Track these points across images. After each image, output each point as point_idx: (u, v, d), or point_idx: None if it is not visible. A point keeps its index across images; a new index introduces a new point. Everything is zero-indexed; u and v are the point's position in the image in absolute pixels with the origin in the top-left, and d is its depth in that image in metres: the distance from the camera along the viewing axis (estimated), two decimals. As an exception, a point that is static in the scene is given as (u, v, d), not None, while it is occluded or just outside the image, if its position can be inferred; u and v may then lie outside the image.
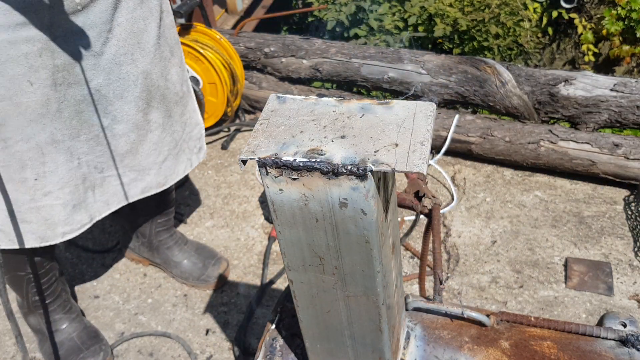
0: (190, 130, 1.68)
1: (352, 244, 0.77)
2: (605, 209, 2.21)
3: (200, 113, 1.74)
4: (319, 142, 0.71)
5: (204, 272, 1.99)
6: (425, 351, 1.05)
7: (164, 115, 1.54)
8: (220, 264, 2.01)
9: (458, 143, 2.44)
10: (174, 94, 1.57)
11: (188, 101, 1.66)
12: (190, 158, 1.72)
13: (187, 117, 1.66)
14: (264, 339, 1.12)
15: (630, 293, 1.90)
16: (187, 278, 2.00)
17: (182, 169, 1.69)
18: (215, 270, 1.99)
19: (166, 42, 1.50)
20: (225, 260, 2.03)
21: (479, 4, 3.88)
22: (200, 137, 1.75)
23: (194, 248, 2.03)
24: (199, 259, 2.01)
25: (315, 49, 2.66)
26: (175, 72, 1.57)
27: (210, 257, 2.02)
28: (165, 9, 1.49)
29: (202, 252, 2.02)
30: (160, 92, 1.50)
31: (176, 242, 2.01)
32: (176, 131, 1.61)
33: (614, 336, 1.03)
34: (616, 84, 2.25)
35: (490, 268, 2.02)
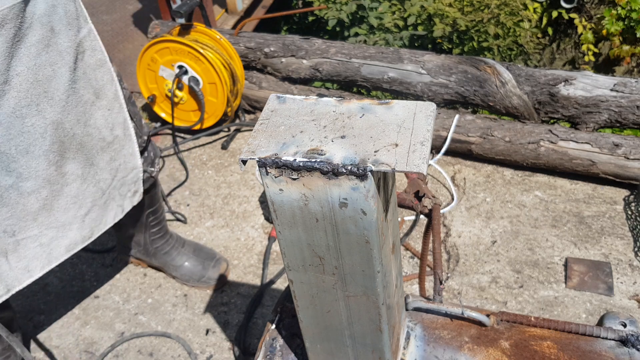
0: (123, 175, 1.56)
1: (352, 244, 0.77)
2: (605, 209, 2.21)
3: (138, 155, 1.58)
4: (319, 142, 0.71)
5: (204, 273, 1.98)
6: (425, 351, 1.05)
7: (84, 165, 1.41)
8: (220, 265, 2.00)
9: (458, 143, 2.44)
10: (99, 140, 1.43)
11: (124, 145, 1.52)
12: (122, 204, 1.59)
13: (119, 162, 1.52)
14: (264, 339, 1.12)
15: (630, 293, 1.90)
16: (187, 280, 2.00)
17: (111, 216, 1.56)
18: (215, 271, 1.99)
19: (88, 84, 1.36)
20: (224, 261, 2.03)
21: (479, 4, 3.88)
22: (137, 181, 1.62)
23: (191, 249, 2.02)
24: (197, 260, 2.00)
25: (315, 49, 2.66)
26: (102, 116, 1.42)
27: (209, 258, 2.01)
28: (89, 47, 1.34)
29: (201, 254, 2.01)
30: (77, 141, 1.36)
31: (173, 246, 1.99)
32: (103, 179, 1.48)
33: (614, 336, 1.03)
34: (616, 84, 2.25)
35: (490, 268, 2.01)
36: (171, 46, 2.52)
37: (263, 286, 2.00)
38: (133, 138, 1.55)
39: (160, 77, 2.64)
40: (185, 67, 2.54)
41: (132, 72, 3.30)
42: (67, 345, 1.86)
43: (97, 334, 1.89)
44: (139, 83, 2.71)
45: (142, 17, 3.95)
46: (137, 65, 2.65)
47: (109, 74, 1.43)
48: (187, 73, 2.56)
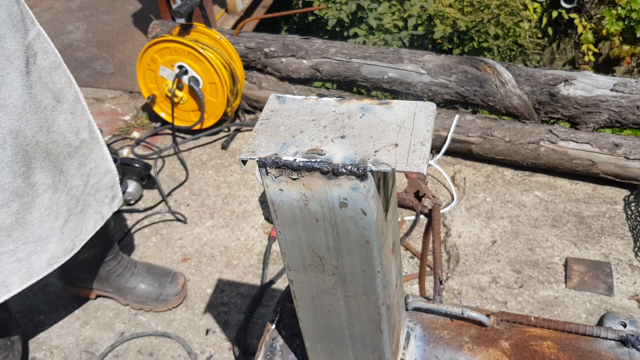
0: (97, 181, 1.50)
1: (352, 244, 0.77)
2: (605, 209, 2.21)
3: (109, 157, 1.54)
4: (319, 142, 0.71)
5: (161, 291, 1.89)
6: (425, 351, 1.05)
7: (53, 173, 1.35)
8: (177, 279, 1.92)
9: (458, 143, 2.44)
10: (65, 146, 1.38)
11: (92, 149, 1.47)
12: (101, 211, 1.54)
13: (89, 167, 1.47)
14: (264, 339, 1.12)
15: (630, 293, 1.90)
16: (144, 302, 1.89)
17: (91, 225, 1.50)
18: (173, 287, 1.90)
19: (46, 88, 1.30)
20: (181, 275, 1.94)
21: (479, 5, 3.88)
22: (113, 185, 1.57)
23: (145, 269, 1.92)
24: (153, 279, 1.90)
25: (315, 49, 2.66)
26: (65, 120, 1.37)
27: (165, 274, 1.92)
28: (40, 49, 1.28)
29: (155, 271, 1.92)
30: (42, 149, 1.31)
31: (126, 267, 1.88)
32: (75, 187, 1.43)
33: (614, 336, 1.03)
34: (616, 84, 2.25)
35: (490, 268, 2.01)
36: (171, 46, 2.52)
37: (263, 286, 2.00)
38: (101, 141, 1.50)
39: (160, 77, 2.64)
40: (185, 67, 2.54)
41: (132, 72, 3.30)
42: (67, 345, 1.86)
43: (97, 334, 1.89)
44: (139, 83, 2.71)
45: (142, 17, 3.95)
46: (137, 65, 2.65)
47: (66, 76, 1.37)
48: (187, 73, 2.56)
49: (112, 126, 2.87)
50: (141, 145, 2.73)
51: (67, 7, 4.18)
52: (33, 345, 1.85)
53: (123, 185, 2.31)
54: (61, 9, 4.16)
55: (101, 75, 3.33)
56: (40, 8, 4.15)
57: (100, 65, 3.44)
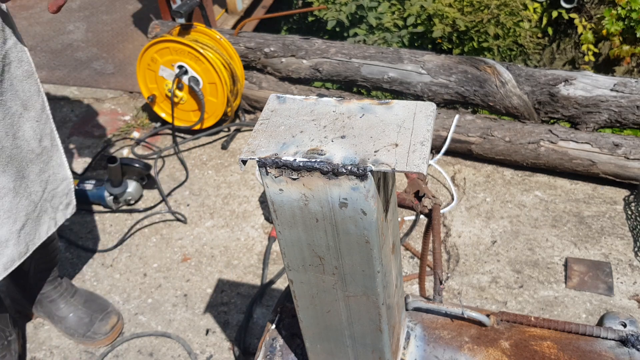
0: (54, 187, 1.53)
1: (352, 244, 0.76)
2: (605, 209, 2.21)
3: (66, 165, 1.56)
4: (319, 142, 0.71)
5: (89, 327, 1.81)
6: (425, 351, 1.05)
7: (15, 177, 1.38)
8: (109, 319, 1.83)
9: (458, 143, 2.44)
10: (28, 152, 1.41)
11: (52, 156, 1.50)
12: (55, 217, 1.56)
13: (48, 174, 1.50)
14: (264, 339, 1.12)
15: (630, 293, 1.90)
16: (72, 334, 1.82)
17: (44, 230, 1.52)
18: (103, 326, 1.82)
19: (15, 96, 1.34)
20: (115, 314, 1.86)
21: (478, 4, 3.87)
22: (69, 192, 1.58)
23: (82, 300, 1.84)
24: (86, 313, 1.82)
25: (315, 49, 2.66)
26: (30, 127, 1.41)
27: (99, 310, 1.84)
28: (15, 58, 1.32)
29: (91, 305, 1.84)
30: (6, 153, 1.34)
31: (61, 294, 1.81)
32: (34, 192, 1.45)
33: (614, 336, 1.03)
34: (616, 84, 2.25)
35: (490, 268, 2.01)
36: (171, 46, 2.52)
37: (263, 286, 2.00)
38: (60, 149, 1.53)
39: (160, 77, 2.64)
40: (185, 67, 2.54)
41: (132, 72, 3.30)
42: (67, 345, 1.86)
43: (97, 334, 1.89)
44: (139, 83, 2.71)
45: (142, 17, 3.95)
46: (137, 65, 2.65)
47: (36, 85, 1.41)
48: (187, 73, 2.56)
49: (112, 126, 2.87)
50: (141, 145, 2.73)
51: (67, 7, 4.18)
52: (33, 345, 1.85)
53: (123, 185, 2.31)
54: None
55: (101, 75, 3.33)
56: (40, 8, 4.15)
57: (100, 65, 3.44)
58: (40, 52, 3.57)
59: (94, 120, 2.91)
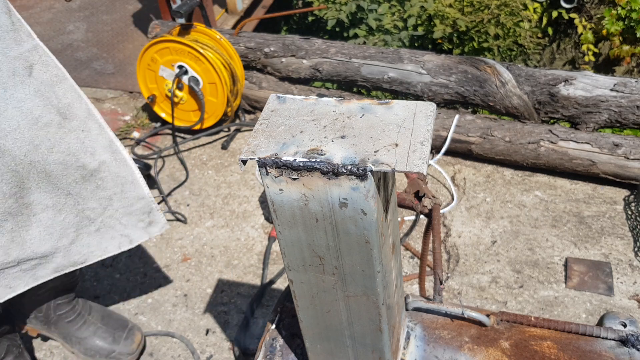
0: (124, 205, 1.40)
1: (352, 244, 0.76)
2: (605, 209, 2.21)
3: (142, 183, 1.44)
4: (319, 142, 0.71)
5: (114, 348, 1.69)
6: (425, 351, 1.05)
7: (55, 194, 1.27)
8: (133, 337, 1.73)
9: (458, 143, 2.44)
10: (77, 169, 1.28)
11: (117, 173, 1.37)
12: (130, 234, 1.44)
13: (112, 191, 1.37)
14: (264, 339, 1.12)
15: (630, 293, 1.90)
16: (92, 356, 1.70)
17: (113, 244, 1.43)
18: (129, 345, 1.71)
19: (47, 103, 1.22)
20: (138, 330, 1.75)
21: (479, 5, 3.87)
22: (150, 212, 1.46)
23: (99, 317, 1.73)
24: (107, 331, 1.71)
25: (315, 49, 2.66)
26: (76, 138, 1.27)
27: (121, 327, 1.73)
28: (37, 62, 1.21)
29: (109, 322, 1.73)
30: (38, 169, 1.23)
31: (79, 314, 1.70)
32: (89, 208, 1.34)
33: (614, 336, 1.03)
34: (616, 84, 2.25)
35: (490, 268, 2.01)
36: (171, 46, 2.52)
37: (263, 286, 2.00)
38: (129, 163, 1.39)
39: (160, 77, 2.64)
40: (185, 67, 2.54)
41: (132, 72, 3.30)
42: (67, 345, 1.86)
43: (97, 334, 1.89)
44: (139, 83, 2.71)
45: (142, 17, 3.95)
46: (137, 65, 2.65)
47: (73, 91, 1.28)
48: (187, 73, 2.56)
49: (112, 126, 2.87)
50: (141, 145, 2.73)
51: (67, 7, 4.18)
52: (33, 345, 1.85)
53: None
54: (61, 9, 4.16)
55: (101, 75, 3.33)
56: (40, 8, 4.15)
57: (100, 65, 3.44)
58: (40, 52, 3.57)
59: (94, 120, 2.91)
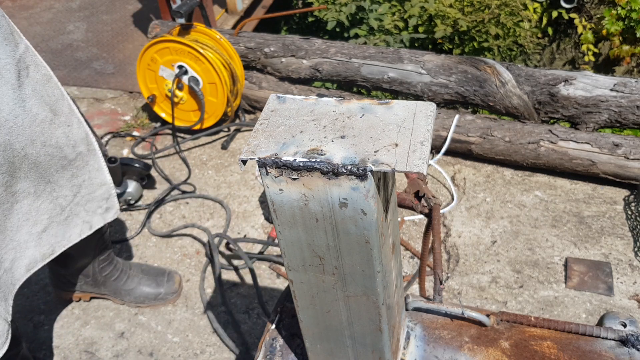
0: (89, 192, 1.49)
1: (352, 244, 0.76)
2: (605, 209, 2.21)
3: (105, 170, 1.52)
4: (319, 142, 0.71)
5: (160, 290, 1.93)
6: (425, 351, 1.05)
7: (38, 182, 1.34)
8: (173, 279, 1.96)
9: (458, 143, 2.44)
10: (60, 159, 1.37)
11: (88, 161, 1.46)
12: (90, 220, 1.52)
13: (83, 179, 1.46)
14: (264, 339, 1.12)
15: (630, 293, 1.90)
16: (142, 302, 1.93)
17: (76, 233, 1.49)
18: (171, 286, 1.95)
19: (42, 101, 1.29)
20: (176, 274, 1.99)
21: (479, 5, 3.87)
22: (109, 197, 1.55)
23: (139, 270, 1.94)
24: (150, 279, 1.93)
25: (315, 49, 2.66)
26: (63, 133, 1.36)
27: (160, 274, 1.96)
28: (31, 62, 1.27)
29: (150, 272, 1.95)
30: (30, 160, 1.30)
31: (122, 270, 1.90)
32: (62, 196, 1.41)
33: (614, 336, 1.03)
34: (616, 84, 2.25)
35: (490, 268, 2.01)
36: (171, 46, 2.52)
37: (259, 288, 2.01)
38: (98, 152, 1.48)
39: (160, 77, 2.64)
40: (185, 67, 2.54)
41: (132, 72, 3.30)
42: (67, 345, 1.86)
43: (97, 334, 1.89)
44: (139, 83, 2.71)
45: (142, 17, 3.95)
46: (137, 65, 2.65)
47: (58, 88, 1.35)
48: (187, 73, 2.56)
49: (112, 126, 2.87)
50: (141, 145, 2.73)
51: (67, 7, 4.18)
52: (33, 345, 1.85)
53: (123, 186, 2.31)
54: (61, 9, 4.16)
55: (101, 75, 3.33)
56: (40, 8, 4.15)
57: (100, 65, 3.44)
58: (40, 52, 3.56)
59: (94, 120, 2.91)
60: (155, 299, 1.93)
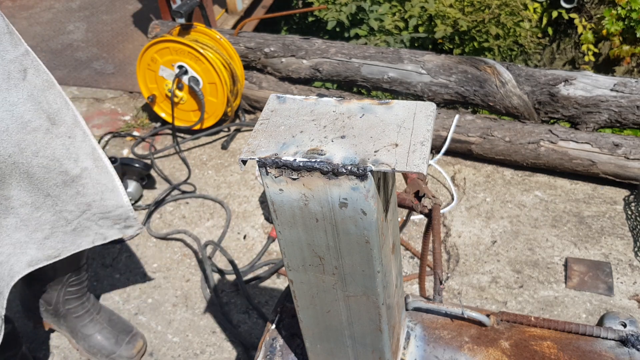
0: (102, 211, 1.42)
1: (352, 244, 0.76)
2: (605, 209, 2.21)
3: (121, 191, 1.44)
4: (319, 142, 0.71)
5: (115, 349, 1.75)
6: (425, 351, 1.05)
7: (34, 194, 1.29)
8: (135, 342, 1.78)
9: (458, 143, 2.44)
10: (59, 174, 1.30)
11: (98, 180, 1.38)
12: (104, 233, 1.45)
13: (91, 198, 1.38)
14: (264, 339, 1.12)
15: (630, 293, 1.90)
16: (94, 354, 1.75)
17: (88, 241, 1.43)
18: (129, 349, 1.76)
19: (38, 108, 1.23)
20: (141, 338, 1.81)
21: (479, 5, 3.88)
22: (127, 219, 1.47)
23: (106, 318, 1.78)
24: (111, 332, 1.76)
25: (315, 49, 2.66)
26: (62, 144, 1.29)
27: (125, 332, 1.78)
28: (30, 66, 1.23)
29: (116, 325, 1.78)
30: (21, 169, 1.24)
31: (88, 310, 1.74)
32: (67, 210, 1.36)
33: (614, 336, 1.03)
34: (616, 84, 2.25)
35: (490, 268, 2.01)
36: (171, 46, 2.52)
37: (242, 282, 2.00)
38: (111, 171, 1.40)
39: (160, 77, 2.64)
40: (185, 67, 2.54)
41: (132, 72, 3.30)
42: (67, 345, 1.86)
43: (97, 334, 1.89)
44: (139, 83, 2.71)
45: (142, 17, 3.95)
46: (137, 65, 2.65)
47: (62, 97, 1.29)
48: (187, 73, 2.56)
49: (112, 126, 2.87)
50: (141, 145, 2.73)
51: (67, 7, 4.18)
52: (33, 345, 1.85)
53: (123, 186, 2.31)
54: (61, 9, 4.16)
55: (101, 75, 3.33)
56: (40, 8, 4.15)
57: (100, 65, 3.44)
58: (40, 52, 3.57)
59: (94, 120, 2.91)
60: (108, 356, 1.75)
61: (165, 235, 2.22)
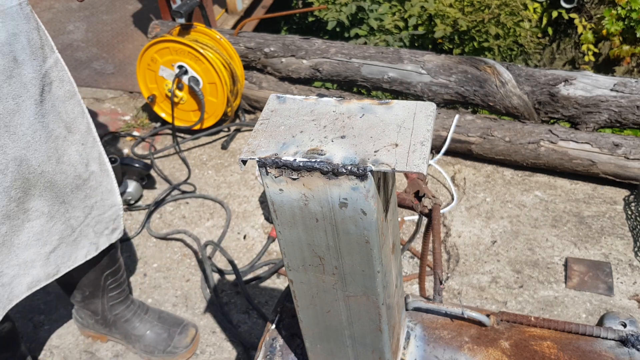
0: (100, 213, 1.47)
1: (352, 244, 0.76)
2: (605, 209, 2.21)
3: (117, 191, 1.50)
4: (319, 142, 0.71)
5: (169, 342, 1.77)
6: (425, 351, 1.05)
7: (52, 202, 1.33)
8: (187, 331, 1.80)
9: (458, 143, 2.44)
10: (75, 178, 1.35)
11: (101, 182, 1.45)
12: (97, 242, 1.50)
13: (95, 200, 1.44)
14: (264, 339, 1.12)
15: (630, 293, 1.90)
16: (151, 352, 1.77)
17: (82, 254, 1.47)
18: (183, 339, 1.79)
19: (58, 118, 1.29)
20: (192, 326, 1.83)
21: (479, 5, 3.88)
22: (116, 218, 1.52)
23: (156, 316, 1.81)
24: (163, 328, 1.79)
25: (315, 49, 2.66)
26: (76, 151, 1.35)
27: (176, 324, 1.81)
28: (56, 78, 1.27)
29: (166, 320, 1.81)
30: (46, 178, 1.29)
31: (135, 313, 1.78)
32: (74, 217, 1.40)
33: (614, 336, 1.03)
34: (616, 84, 2.25)
35: (490, 268, 2.01)
36: (171, 46, 2.52)
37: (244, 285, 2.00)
38: (111, 173, 1.48)
39: (160, 77, 2.64)
40: (185, 67, 2.54)
41: (132, 72, 3.30)
42: (67, 345, 1.86)
43: (97, 334, 1.89)
44: (139, 83, 2.71)
45: (142, 17, 3.95)
46: (137, 65, 2.65)
47: (79, 106, 1.35)
48: (187, 73, 2.56)
49: (112, 126, 2.87)
50: (141, 145, 2.73)
51: (67, 7, 4.18)
52: (33, 345, 1.85)
53: (123, 186, 2.31)
54: (61, 9, 4.16)
55: (101, 75, 3.33)
56: (40, 8, 4.15)
57: (100, 65, 3.44)
58: (40, 52, 3.57)
59: (94, 120, 2.91)
60: (165, 351, 1.77)
61: (165, 235, 2.22)
